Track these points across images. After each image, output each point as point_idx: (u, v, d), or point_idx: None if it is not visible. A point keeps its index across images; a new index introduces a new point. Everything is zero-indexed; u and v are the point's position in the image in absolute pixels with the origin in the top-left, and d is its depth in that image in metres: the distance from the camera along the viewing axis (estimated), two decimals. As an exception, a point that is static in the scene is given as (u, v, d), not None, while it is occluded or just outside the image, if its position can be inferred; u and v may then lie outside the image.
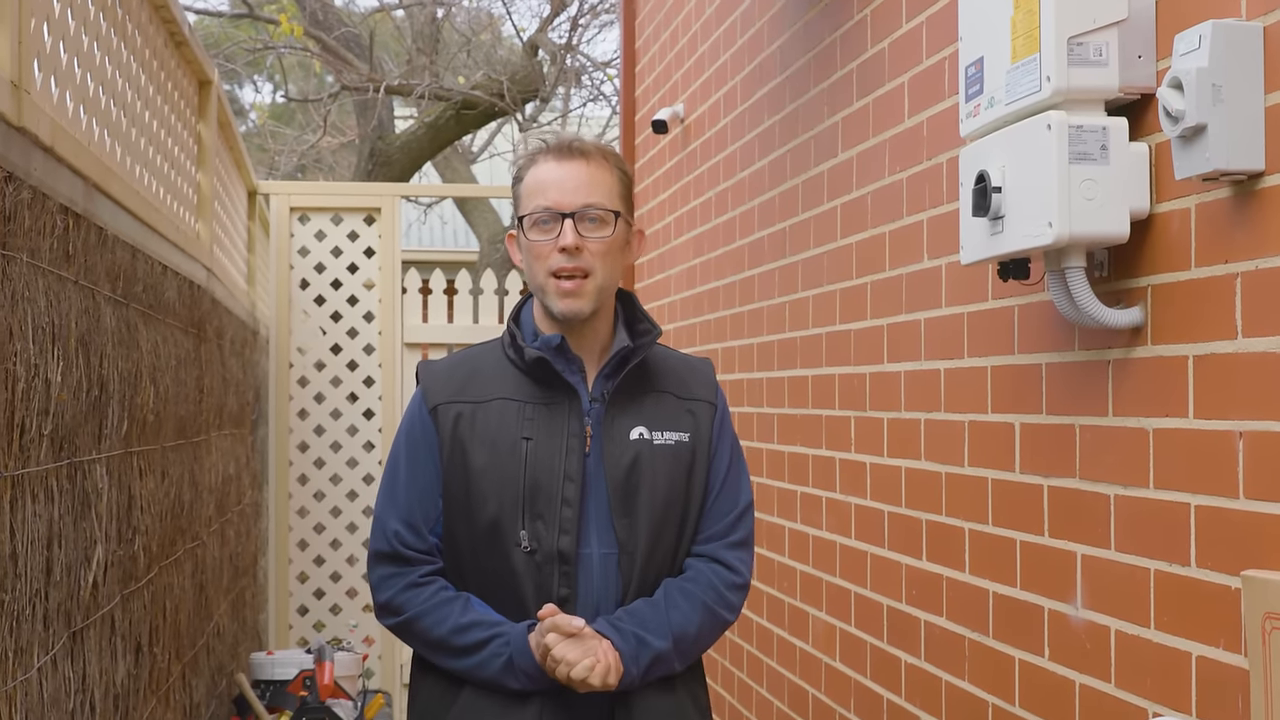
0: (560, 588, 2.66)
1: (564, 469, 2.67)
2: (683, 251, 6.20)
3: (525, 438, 2.69)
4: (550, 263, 2.69)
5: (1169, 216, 2.43)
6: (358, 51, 13.62)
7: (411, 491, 2.76)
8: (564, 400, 2.72)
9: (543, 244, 2.70)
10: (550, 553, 2.65)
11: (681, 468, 2.77)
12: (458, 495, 2.71)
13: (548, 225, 2.70)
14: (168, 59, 4.42)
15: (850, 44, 4.03)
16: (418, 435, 2.77)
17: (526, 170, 2.77)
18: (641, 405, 2.77)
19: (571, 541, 2.66)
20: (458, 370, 2.81)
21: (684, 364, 2.92)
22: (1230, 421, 2.26)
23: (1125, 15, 2.47)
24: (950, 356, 3.36)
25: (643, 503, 2.72)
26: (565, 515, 2.66)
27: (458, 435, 2.71)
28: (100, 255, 3.06)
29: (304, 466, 7.98)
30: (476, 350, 2.87)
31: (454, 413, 2.73)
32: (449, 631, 2.67)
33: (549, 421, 2.70)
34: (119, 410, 3.25)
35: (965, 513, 3.28)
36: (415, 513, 2.75)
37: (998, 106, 2.65)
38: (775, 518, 4.78)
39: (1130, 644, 2.55)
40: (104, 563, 3.06)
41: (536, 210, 2.70)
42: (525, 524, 2.66)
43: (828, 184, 4.22)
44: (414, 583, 2.73)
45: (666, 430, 2.77)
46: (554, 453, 2.68)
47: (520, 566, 2.66)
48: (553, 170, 2.73)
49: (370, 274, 8.06)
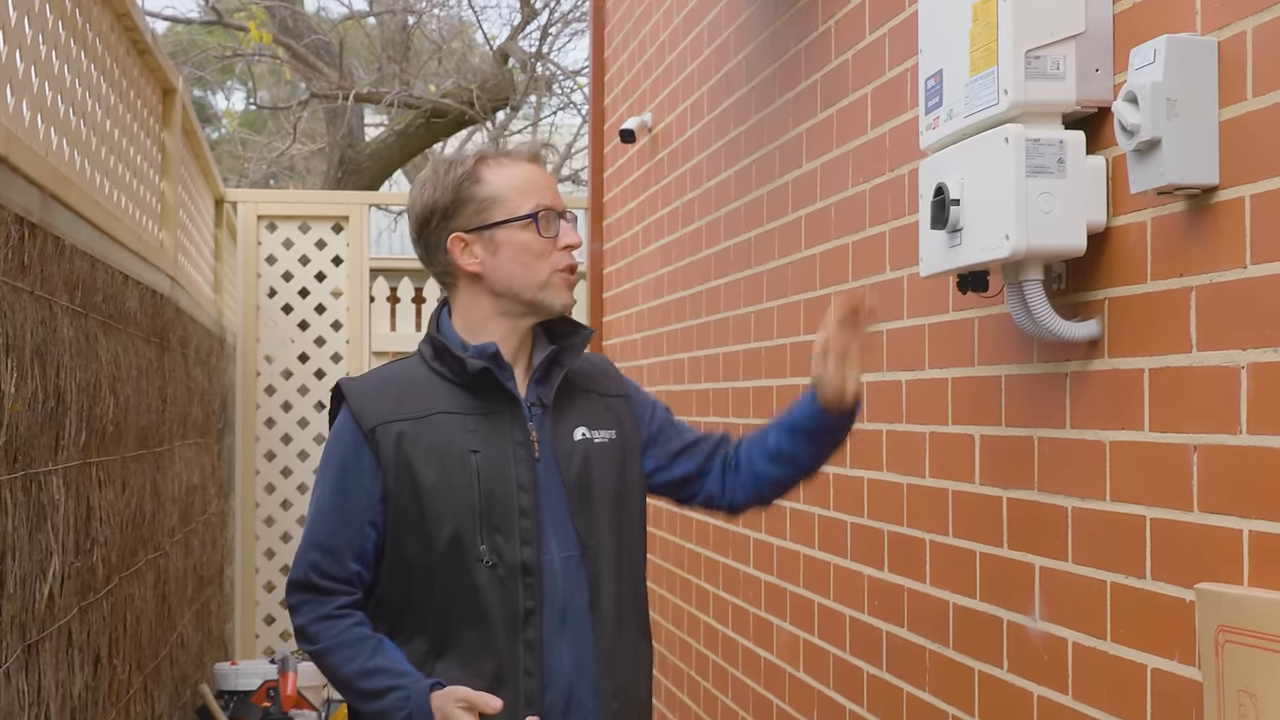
0: (525, 600, 2.63)
1: (517, 479, 2.66)
2: (650, 261, 6.20)
3: (472, 451, 2.66)
4: (554, 260, 2.72)
5: (1126, 230, 2.44)
6: (328, 59, 13.61)
7: (335, 518, 2.70)
8: (504, 409, 2.70)
9: (546, 242, 2.72)
10: (513, 565, 2.63)
11: (618, 465, 2.80)
12: (409, 515, 2.66)
13: (549, 223, 2.73)
14: (130, 67, 4.41)
15: (814, 55, 4.03)
16: (350, 459, 2.70)
17: (497, 171, 2.74)
18: (575, 405, 2.79)
19: (533, 552, 2.64)
20: (387, 388, 2.75)
21: (590, 364, 2.92)
22: (1185, 434, 2.26)
23: (1082, 29, 2.47)
24: (911, 368, 3.36)
25: (598, 498, 2.73)
26: (524, 526, 2.64)
27: (402, 454, 2.66)
28: (58, 265, 3.04)
29: (271, 475, 7.96)
30: (397, 366, 2.82)
31: (395, 432, 2.67)
32: (353, 674, 2.62)
33: (492, 433, 2.68)
34: (77, 421, 3.23)
35: (926, 524, 3.28)
36: (339, 540, 2.69)
37: (956, 119, 2.66)
38: (740, 528, 4.78)
39: (1087, 656, 2.56)
40: (61, 574, 3.04)
41: (539, 209, 2.72)
42: (484, 538, 2.63)
43: (792, 194, 4.22)
44: (328, 614, 2.68)
45: (600, 429, 2.80)
46: (504, 464, 2.66)
47: (483, 581, 2.63)
48: (535, 171, 2.77)
49: (338, 282, 8.05)
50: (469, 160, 2.77)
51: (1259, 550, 2.08)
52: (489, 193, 2.73)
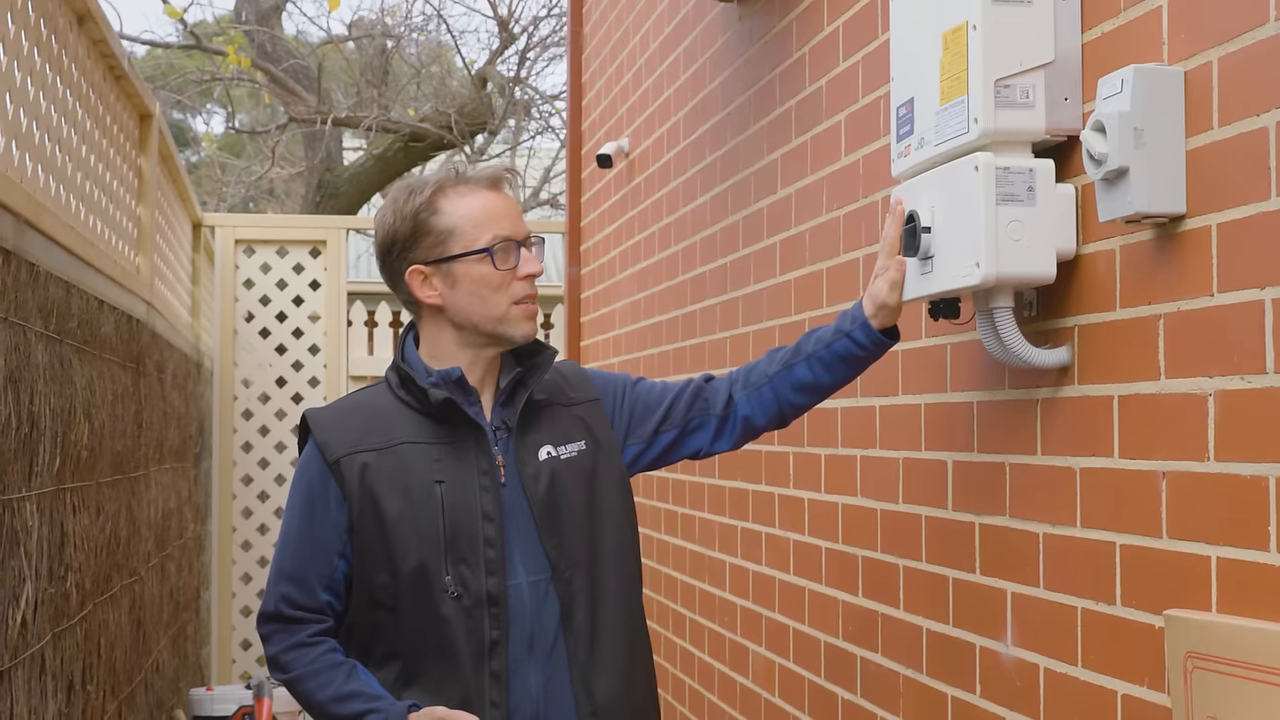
0: (491, 630, 2.62)
1: (482, 509, 2.65)
2: (627, 285, 6.21)
3: (438, 481, 2.66)
4: (513, 291, 2.69)
5: (1095, 257, 2.46)
6: (306, 83, 13.62)
7: (304, 549, 2.71)
8: (469, 438, 2.69)
9: (506, 273, 2.69)
10: (479, 596, 2.62)
11: (588, 474, 2.78)
12: (375, 546, 2.66)
13: (507, 254, 2.69)
14: (106, 93, 4.41)
15: (789, 82, 4.06)
16: (316, 491, 2.71)
17: (455, 201, 2.71)
18: (539, 424, 2.77)
19: (499, 582, 2.63)
20: (352, 418, 2.75)
21: (558, 374, 2.90)
22: (1153, 461, 2.28)
23: (1052, 58, 2.49)
24: (885, 394, 3.38)
25: (568, 517, 2.71)
26: (489, 555, 2.64)
27: (366, 485, 2.66)
28: (32, 291, 3.04)
29: (248, 500, 7.95)
30: (364, 395, 2.82)
31: (359, 463, 2.67)
32: (328, 699, 2.63)
33: (458, 462, 2.68)
34: (51, 447, 3.22)
35: (900, 549, 3.29)
36: (307, 571, 2.70)
37: (927, 147, 2.67)
38: (716, 552, 4.79)
39: (1058, 682, 2.57)
40: (34, 601, 3.03)
41: (497, 240, 2.68)
42: (449, 569, 2.63)
43: (767, 220, 4.24)
44: (301, 642, 2.69)
45: (566, 443, 2.78)
46: (469, 493, 2.66)
47: (449, 612, 2.62)
48: (495, 199, 2.72)
49: (316, 306, 8.05)
50: (426, 189, 2.72)
51: (1226, 577, 2.09)
52: (445, 225, 2.70)
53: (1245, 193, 2.07)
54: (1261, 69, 2.04)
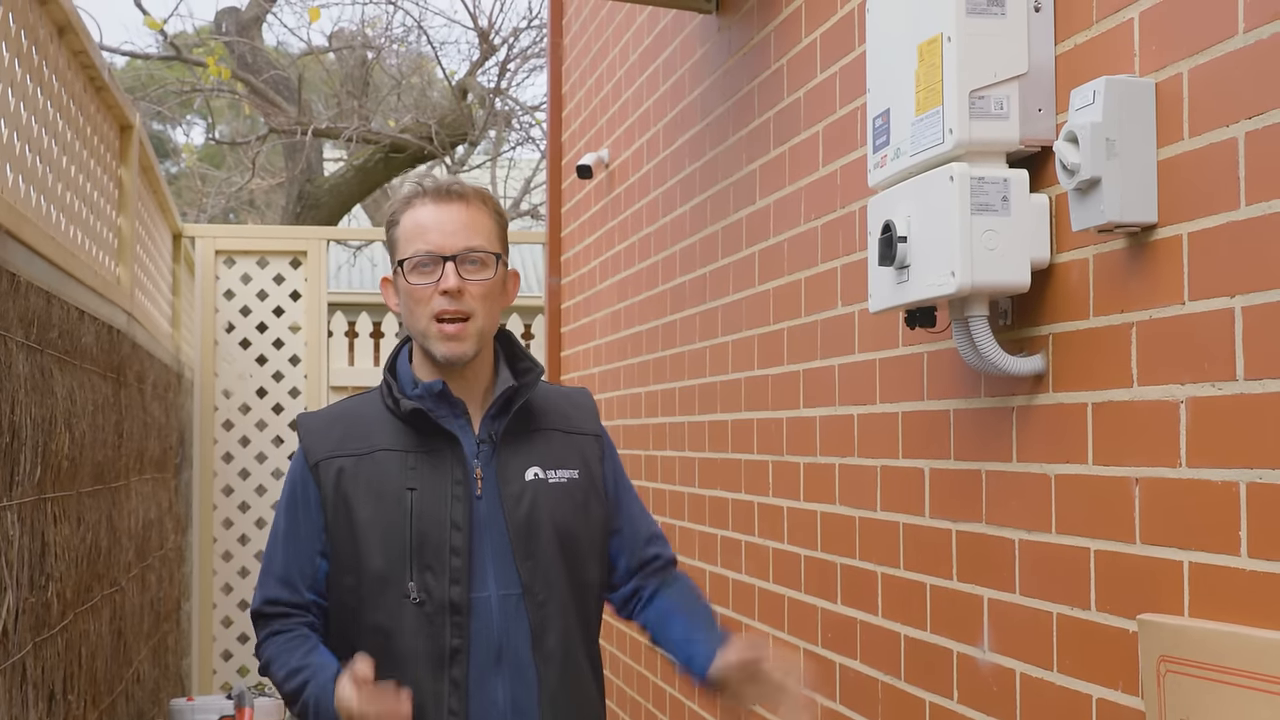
0: (452, 638, 2.63)
1: (450, 518, 2.66)
2: (608, 295, 6.23)
3: (409, 488, 2.67)
4: (432, 306, 2.67)
5: (1069, 266, 2.48)
6: (287, 94, 13.61)
7: (288, 549, 2.76)
8: (445, 448, 2.70)
9: (423, 287, 2.67)
10: (441, 603, 2.63)
11: (576, 505, 2.78)
12: (343, 550, 2.69)
13: (429, 269, 2.67)
14: (87, 104, 4.42)
15: (768, 93, 4.08)
16: (298, 493, 2.76)
17: (402, 214, 2.73)
18: (532, 445, 2.77)
19: (463, 591, 2.64)
20: (336, 424, 2.79)
21: (564, 398, 2.92)
22: (1127, 468, 2.30)
23: (1025, 70, 2.52)
24: (863, 402, 3.40)
25: (545, 542, 2.71)
26: (454, 564, 2.65)
27: (340, 490, 2.70)
28: (13, 301, 3.05)
29: (228, 510, 7.95)
30: (356, 401, 2.85)
31: (335, 468, 2.71)
32: (284, 677, 2.67)
33: (432, 471, 2.69)
34: (32, 456, 3.23)
35: (878, 556, 3.31)
36: (291, 570, 2.75)
37: (903, 158, 2.70)
38: (696, 561, 4.80)
39: (1034, 686, 2.59)
40: (15, 610, 3.03)
41: (417, 254, 2.68)
42: (414, 575, 2.64)
43: (746, 230, 4.26)
44: (275, 630, 2.75)
45: (558, 468, 2.77)
46: (440, 501, 2.67)
47: (410, 619, 2.64)
48: (431, 213, 2.70)
49: (296, 317, 8.05)
50: (401, 199, 2.77)
51: (1198, 581, 2.12)
52: (394, 236, 2.75)
53: (1215, 202, 2.10)
54: (1231, 80, 2.07)
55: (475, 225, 2.71)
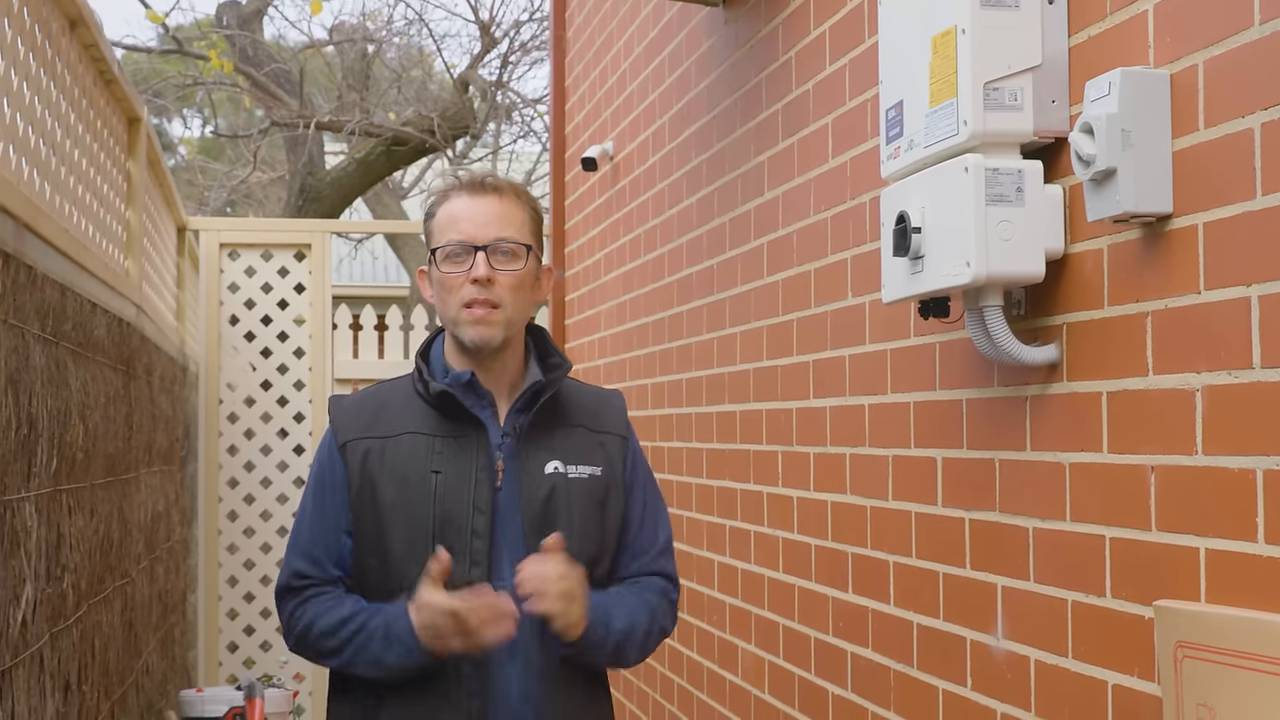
0: None
1: (473, 501, 2.69)
2: (613, 287, 6.25)
3: (434, 471, 2.71)
4: (462, 294, 2.71)
5: (1083, 257, 2.50)
6: (288, 87, 13.62)
7: (315, 528, 2.80)
8: (471, 434, 2.74)
9: (455, 276, 2.72)
10: (461, 584, 2.65)
11: (595, 501, 2.80)
12: (368, 530, 2.74)
13: (460, 258, 2.73)
14: (97, 97, 4.43)
15: (776, 85, 4.10)
16: (326, 472, 2.81)
17: (439, 205, 2.80)
18: (554, 439, 2.80)
19: (483, 573, 2.67)
20: (366, 406, 2.84)
21: (595, 397, 2.95)
22: (1142, 456, 2.32)
23: (1039, 61, 2.54)
24: (874, 392, 3.42)
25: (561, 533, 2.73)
26: (475, 547, 2.68)
27: (367, 470, 2.74)
28: (30, 294, 3.06)
29: (234, 503, 7.95)
30: (387, 386, 2.90)
31: (363, 448, 2.76)
32: (336, 623, 2.70)
33: (457, 455, 2.73)
34: (48, 448, 3.25)
35: (890, 545, 3.33)
36: (318, 547, 2.79)
37: (917, 149, 2.72)
38: (705, 551, 4.83)
39: (1049, 673, 2.61)
40: (33, 601, 3.05)
41: (449, 243, 2.73)
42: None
43: (754, 222, 4.28)
44: (307, 598, 2.78)
45: (580, 464, 2.80)
46: (463, 485, 2.70)
47: None
48: (465, 205, 2.76)
49: (301, 310, 8.05)
50: (438, 192, 2.83)
51: (1215, 568, 2.14)
52: (430, 227, 2.82)
53: (1231, 192, 2.12)
54: (1246, 71, 2.09)
55: (508, 217, 2.76)
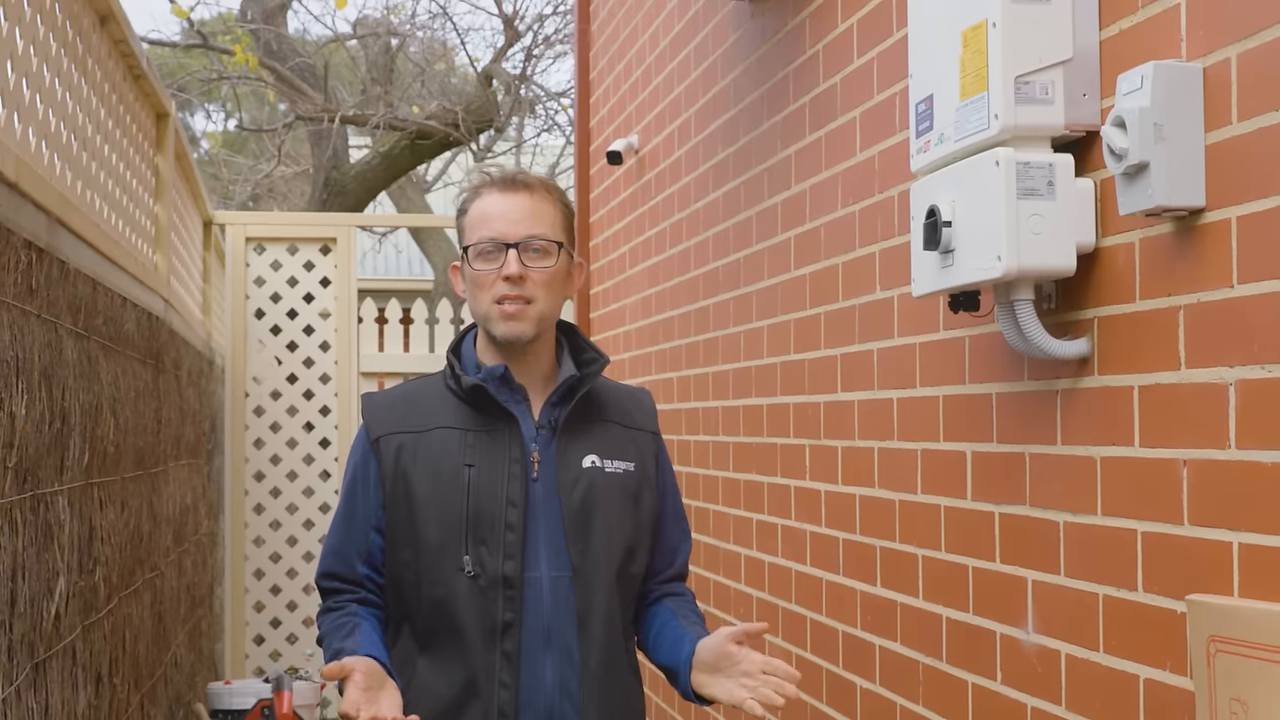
0: (505, 612, 2.68)
1: (506, 494, 2.71)
2: (638, 281, 6.25)
3: (468, 464, 2.73)
4: (494, 291, 2.73)
5: (1114, 250, 2.50)
6: (312, 81, 13.65)
7: (346, 524, 2.83)
8: (504, 428, 2.75)
9: (487, 273, 2.74)
10: (495, 577, 2.68)
11: (630, 497, 2.82)
12: (402, 524, 2.75)
13: (492, 255, 2.74)
14: (126, 92, 4.45)
15: (803, 78, 4.10)
16: (359, 469, 2.82)
17: (471, 202, 2.82)
18: (591, 434, 2.82)
19: (516, 566, 2.69)
20: (399, 402, 2.86)
21: (626, 394, 2.97)
22: (1174, 450, 2.32)
23: (1070, 55, 2.53)
24: (903, 386, 3.42)
25: (598, 529, 2.75)
26: (509, 540, 2.69)
27: (400, 465, 2.76)
28: (62, 289, 3.08)
29: (260, 496, 7.99)
30: (419, 383, 2.92)
31: (396, 444, 2.77)
32: (330, 657, 2.70)
33: (490, 448, 2.74)
34: (80, 442, 3.27)
35: (919, 539, 3.33)
36: (347, 545, 2.82)
37: (947, 143, 2.72)
38: (731, 545, 4.83)
39: (1080, 667, 2.61)
40: (66, 593, 3.07)
41: (481, 241, 2.75)
42: (469, 549, 2.69)
43: (781, 216, 4.28)
44: (329, 607, 2.82)
45: (616, 459, 2.82)
46: (496, 479, 2.72)
47: (464, 591, 2.69)
48: (497, 202, 2.78)
49: (326, 304, 8.08)
50: (470, 189, 2.85)
51: (1248, 562, 2.14)
52: (463, 223, 2.84)
53: (1264, 186, 2.11)
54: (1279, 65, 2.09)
55: (539, 214, 2.78)
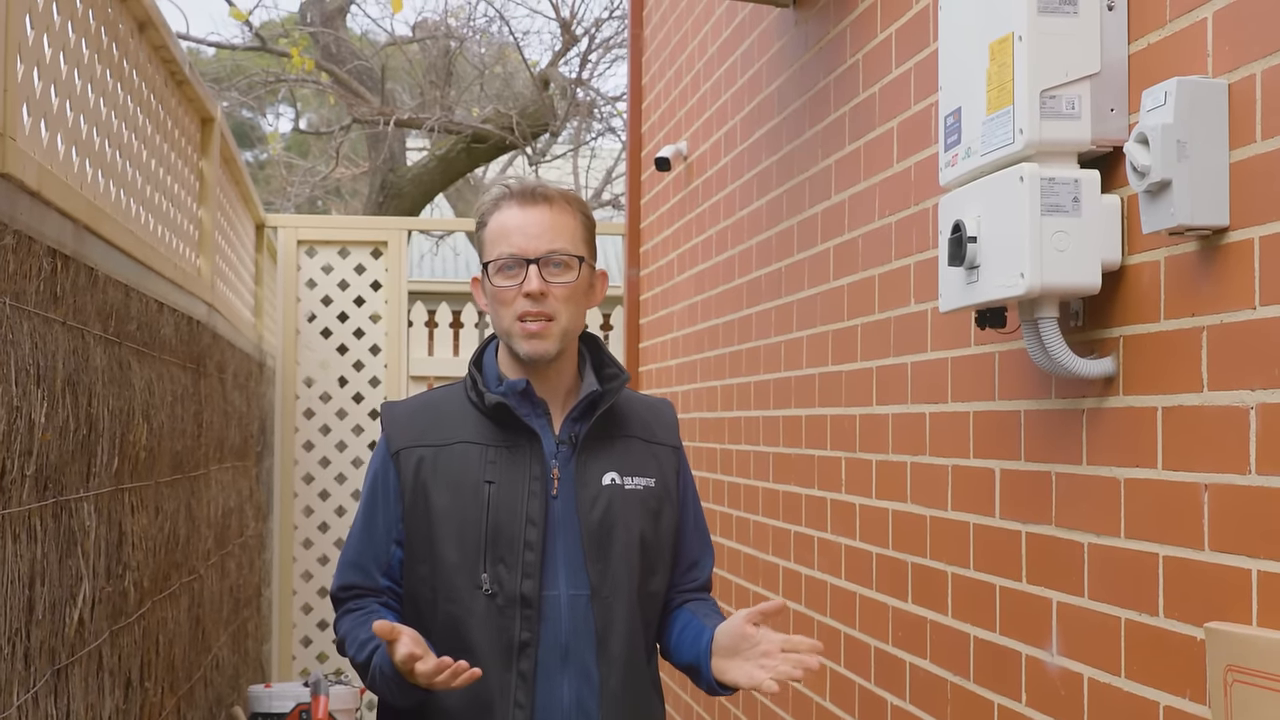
0: (522, 631, 2.65)
1: (526, 512, 2.68)
2: (685, 288, 6.23)
3: (488, 481, 2.70)
4: (515, 307, 2.69)
5: (1140, 268, 2.45)
6: (370, 84, 13.71)
7: (365, 535, 2.80)
8: (525, 444, 2.72)
9: (508, 289, 2.70)
10: (512, 596, 2.65)
11: (650, 513, 2.79)
12: (419, 539, 2.72)
13: (512, 271, 2.70)
14: (168, 98, 4.47)
15: (843, 88, 4.06)
16: (379, 480, 2.80)
17: (490, 216, 2.77)
18: (611, 450, 2.78)
19: (534, 585, 2.66)
20: (420, 414, 2.82)
21: (647, 407, 2.93)
22: (1196, 473, 2.27)
23: (1098, 69, 2.49)
24: (935, 400, 3.38)
25: (617, 547, 2.72)
26: (527, 559, 2.67)
27: (420, 479, 2.73)
28: (90, 295, 3.09)
29: (309, 498, 8.02)
30: (440, 393, 2.89)
31: (416, 457, 2.74)
32: (355, 649, 2.69)
33: (511, 465, 2.71)
34: (109, 448, 3.28)
35: (948, 556, 3.29)
36: (366, 556, 2.79)
37: (974, 157, 2.68)
38: (770, 556, 4.80)
39: (1102, 692, 2.57)
40: (91, 599, 3.08)
41: (501, 257, 2.70)
42: (487, 567, 2.67)
43: (821, 226, 4.25)
44: (348, 609, 2.79)
45: (636, 475, 2.79)
46: (516, 496, 2.69)
47: (481, 609, 2.66)
48: (516, 216, 2.73)
49: (377, 307, 8.11)
50: (489, 201, 2.80)
51: (1267, 590, 2.09)
52: (482, 237, 2.79)
53: (1288, 206, 2.07)
54: (1305, 82, 2.04)
55: (559, 228, 2.73)
